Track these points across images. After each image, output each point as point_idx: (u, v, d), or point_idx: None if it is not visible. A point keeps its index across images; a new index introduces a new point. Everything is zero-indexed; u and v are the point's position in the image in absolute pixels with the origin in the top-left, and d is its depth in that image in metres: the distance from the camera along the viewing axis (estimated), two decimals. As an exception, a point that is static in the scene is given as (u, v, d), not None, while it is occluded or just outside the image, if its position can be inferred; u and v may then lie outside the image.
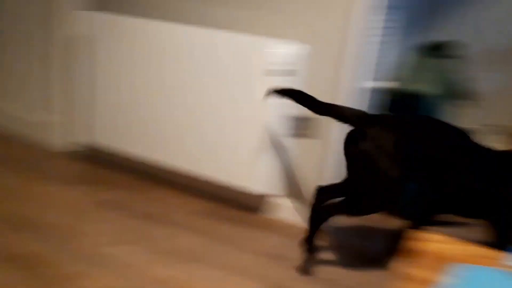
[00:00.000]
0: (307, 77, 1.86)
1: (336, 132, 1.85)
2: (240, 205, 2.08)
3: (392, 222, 2.03)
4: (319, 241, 1.72)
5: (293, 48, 1.83)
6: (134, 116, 2.15)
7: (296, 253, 1.74)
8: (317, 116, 1.58)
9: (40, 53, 2.48)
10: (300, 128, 1.91)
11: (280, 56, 1.80)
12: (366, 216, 1.53)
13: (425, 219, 1.74)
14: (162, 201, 2.05)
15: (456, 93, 2.21)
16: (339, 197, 1.58)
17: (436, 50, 2.23)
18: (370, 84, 2.05)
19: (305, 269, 1.63)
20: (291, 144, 1.94)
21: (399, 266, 1.69)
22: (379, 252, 1.84)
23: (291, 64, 1.83)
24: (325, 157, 1.91)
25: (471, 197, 1.48)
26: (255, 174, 1.91)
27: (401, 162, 1.43)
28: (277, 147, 1.92)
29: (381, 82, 2.18)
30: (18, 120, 2.66)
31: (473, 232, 1.64)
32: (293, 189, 1.99)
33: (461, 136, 1.48)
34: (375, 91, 2.16)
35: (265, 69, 1.80)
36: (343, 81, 1.81)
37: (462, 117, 2.16)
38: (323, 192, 1.67)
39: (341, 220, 2.01)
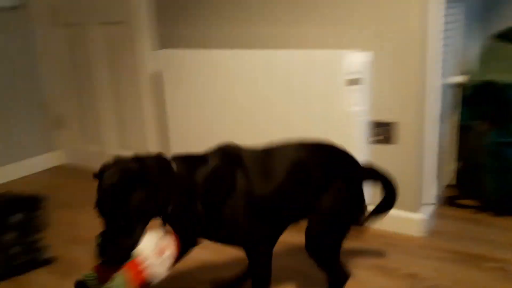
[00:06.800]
0: (387, 83, 1.85)
1: (427, 135, 1.84)
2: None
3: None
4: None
5: (366, 56, 1.83)
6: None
7: (391, 262, 1.73)
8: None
9: (128, 92, 2.65)
10: (386, 134, 1.90)
11: (356, 65, 1.81)
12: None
13: None
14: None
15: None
16: None
17: None
18: (447, 80, 2.02)
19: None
20: (375, 151, 1.93)
21: None
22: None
23: (365, 72, 1.83)
24: (418, 161, 1.87)
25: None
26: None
27: None
28: (362, 156, 1.90)
29: (455, 76, 2.13)
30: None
31: None
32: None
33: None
34: (450, 86, 2.11)
35: (342, 80, 1.82)
36: (428, 79, 1.78)
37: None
38: None
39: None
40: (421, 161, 1.87)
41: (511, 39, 2.12)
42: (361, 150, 1.87)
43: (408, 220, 1.92)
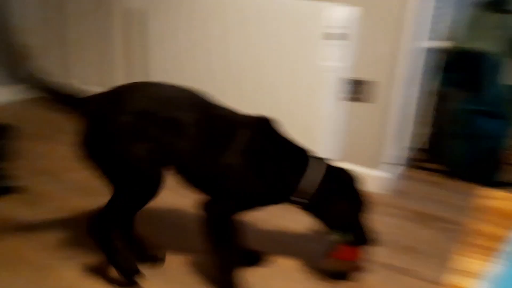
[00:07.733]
0: (363, 40, 1.84)
1: (395, 96, 1.84)
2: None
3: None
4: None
5: (348, 11, 1.80)
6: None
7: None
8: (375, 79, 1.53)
9: (100, 27, 2.58)
10: (357, 92, 1.90)
11: (336, 19, 1.78)
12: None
13: None
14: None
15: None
16: None
17: (497, 5, 2.12)
18: (428, 43, 2.00)
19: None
20: (348, 108, 1.94)
21: (468, 222, 1.69)
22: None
23: (346, 27, 1.81)
24: (383, 121, 1.90)
25: None
26: (313, 140, 1.92)
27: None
28: (335, 112, 1.92)
29: (438, 41, 2.12)
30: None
31: None
32: (351, 154, 1.99)
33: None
34: (432, 51, 2.10)
35: (321, 33, 1.79)
36: (403, 42, 1.77)
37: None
38: None
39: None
40: (384, 120, 1.89)
41: (495, 9, 2.12)
42: (329, 106, 1.88)
43: (366, 176, 1.95)
